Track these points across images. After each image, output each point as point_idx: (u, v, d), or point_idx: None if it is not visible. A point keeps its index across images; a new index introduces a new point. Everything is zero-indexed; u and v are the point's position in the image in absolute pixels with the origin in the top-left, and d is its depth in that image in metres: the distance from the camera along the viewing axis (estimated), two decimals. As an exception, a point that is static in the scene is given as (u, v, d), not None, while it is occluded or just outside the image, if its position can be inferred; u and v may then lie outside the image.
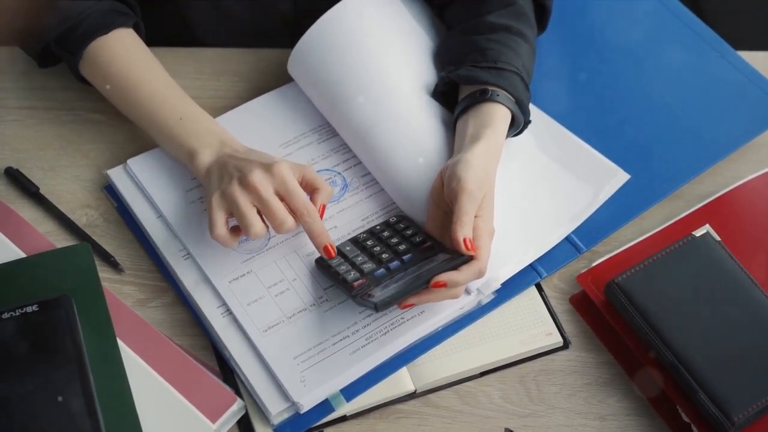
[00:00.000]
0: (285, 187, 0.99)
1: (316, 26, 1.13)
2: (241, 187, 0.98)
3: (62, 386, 0.93)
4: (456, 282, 0.96)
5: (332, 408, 0.98)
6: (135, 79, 1.09)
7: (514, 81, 1.07)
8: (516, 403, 1.01)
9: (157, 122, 1.07)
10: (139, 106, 1.08)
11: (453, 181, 0.99)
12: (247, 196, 0.98)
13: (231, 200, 0.98)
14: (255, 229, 0.98)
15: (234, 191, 0.98)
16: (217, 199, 0.99)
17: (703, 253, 1.06)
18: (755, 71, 1.23)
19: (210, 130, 1.06)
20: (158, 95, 1.08)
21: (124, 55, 1.10)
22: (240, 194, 0.98)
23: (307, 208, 0.99)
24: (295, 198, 0.99)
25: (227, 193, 0.98)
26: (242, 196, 0.98)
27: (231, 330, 1.01)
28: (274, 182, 0.99)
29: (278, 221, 0.98)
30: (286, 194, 0.99)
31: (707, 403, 0.96)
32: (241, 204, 0.98)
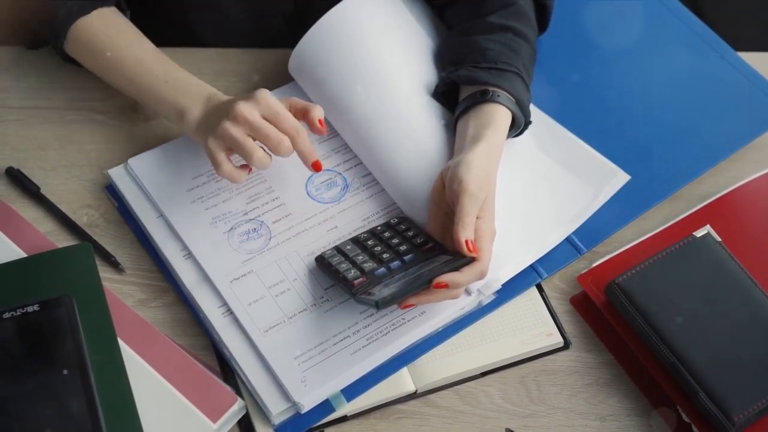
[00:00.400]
0: (271, 110, 1.01)
1: (317, 26, 1.13)
2: (231, 122, 1.00)
3: (63, 386, 0.93)
4: (458, 283, 0.96)
5: (333, 408, 0.98)
6: (119, 51, 1.11)
7: (515, 82, 1.07)
8: (516, 403, 1.01)
9: (145, 88, 1.09)
10: (126, 76, 1.10)
11: (454, 182, 0.99)
12: (239, 127, 1.00)
13: (226, 136, 1.01)
14: (257, 155, 1.01)
15: (226, 127, 1.00)
16: (212, 141, 1.02)
17: (703, 253, 1.06)
18: (755, 72, 1.23)
19: (196, 88, 1.08)
20: (144, 62, 1.10)
21: (105, 30, 1.12)
22: (232, 127, 1.00)
23: (295, 128, 1.02)
24: (283, 119, 1.01)
25: (219, 131, 1.01)
26: (234, 128, 1.00)
27: (232, 330, 1.01)
28: (261, 108, 1.01)
29: (274, 143, 1.01)
30: (275, 117, 1.01)
31: (708, 403, 0.96)
32: (236, 136, 1.00)
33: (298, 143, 1.02)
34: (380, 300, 0.94)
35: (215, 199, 1.09)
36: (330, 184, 1.11)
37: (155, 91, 1.08)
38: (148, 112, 1.18)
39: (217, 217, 1.08)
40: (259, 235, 1.07)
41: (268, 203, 1.09)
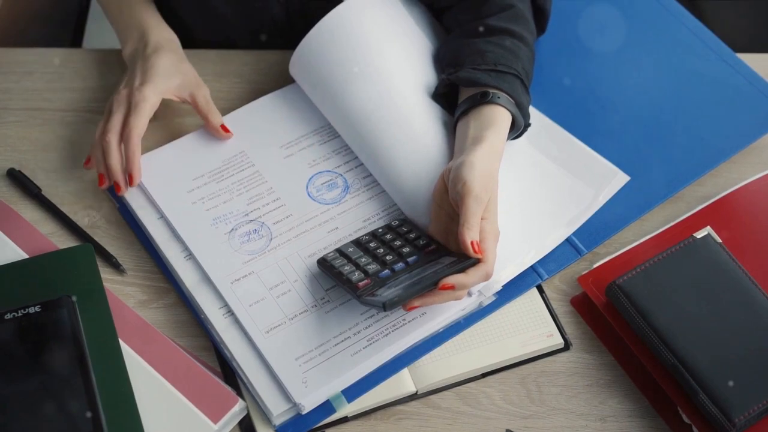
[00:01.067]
0: (129, 113, 1.09)
1: (317, 28, 1.13)
2: (103, 125, 1.10)
3: (64, 387, 0.93)
4: (464, 284, 0.96)
5: (333, 409, 0.98)
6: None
7: (514, 84, 1.07)
8: (517, 404, 1.01)
9: (108, 16, 1.20)
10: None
11: (458, 183, 0.99)
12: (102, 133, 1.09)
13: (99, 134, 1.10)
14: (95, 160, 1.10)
15: (102, 126, 1.10)
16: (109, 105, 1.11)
17: (704, 254, 1.06)
18: (755, 74, 1.23)
19: (136, 23, 1.16)
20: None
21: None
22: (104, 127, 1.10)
23: (129, 133, 1.08)
24: (125, 122, 1.09)
25: (101, 129, 1.10)
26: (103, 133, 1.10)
27: (233, 331, 1.01)
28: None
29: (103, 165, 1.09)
30: (125, 118, 1.09)
31: (708, 404, 0.96)
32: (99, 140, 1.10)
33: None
34: (388, 301, 0.94)
35: (216, 200, 1.09)
36: (331, 185, 1.11)
37: (112, 22, 1.19)
38: None
39: (218, 218, 1.08)
40: (260, 236, 1.07)
41: (268, 204, 1.09)
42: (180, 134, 1.15)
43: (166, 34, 1.16)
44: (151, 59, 1.12)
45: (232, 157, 1.13)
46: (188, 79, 1.14)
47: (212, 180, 1.11)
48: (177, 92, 1.13)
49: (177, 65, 1.14)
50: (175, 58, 1.14)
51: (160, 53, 1.13)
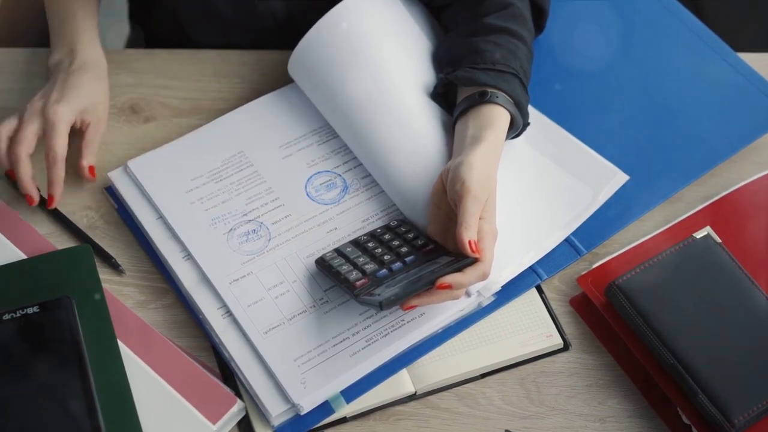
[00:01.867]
0: (48, 132, 1.08)
1: (316, 27, 1.13)
2: (9, 131, 1.10)
3: (63, 387, 0.93)
4: (461, 284, 0.96)
5: (332, 409, 0.98)
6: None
7: (513, 83, 1.07)
8: (516, 404, 1.01)
9: (48, 16, 1.18)
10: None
11: (456, 183, 0.99)
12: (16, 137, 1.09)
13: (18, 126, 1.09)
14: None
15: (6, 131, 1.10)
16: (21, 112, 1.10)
17: (704, 255, 1.05)
18: (756, 73, 1.23)
19: (69, 34, 1.14)
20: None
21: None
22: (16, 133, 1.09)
23: (53, 155, 1.07)
24: (49, 144, 1.07)
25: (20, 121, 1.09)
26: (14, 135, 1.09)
27: (231, 331, 1.01)
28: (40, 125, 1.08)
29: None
30: (46, 138, 1.08)
31: (708, 405, 0.96)
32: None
33: (49, 169, 1.08)
34: (384, 300, 0.93)
35: (215, 200, 1.09)
36: (330, 185, 1.11)
37: (49, 18, 1.17)
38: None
39: (217, 218, 1.08)
40: (259, 236, 1.07)
41: (267, 204, 1.09)
42: (178, 134, 1.15)
43: (95, 55, 1.14)
44: (74, 76, 1.11)
45: (231, 157, 1.12)
46: (95, 107, 1.12)
47: (211, 180, 1.11)
48: (81, 115, 1.11)
49: (95, 89, 1.12)
50: (96, 82, 1.13)
51: (83, 72, 1.12)
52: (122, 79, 1.21)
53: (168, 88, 1.21)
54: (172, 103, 1.20)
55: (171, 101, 1.20)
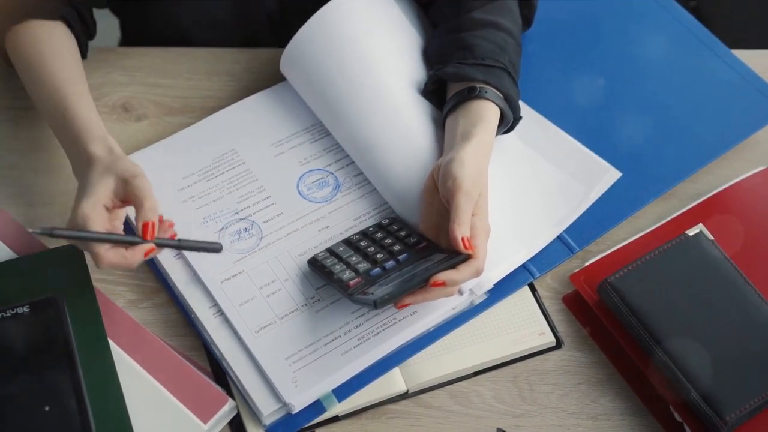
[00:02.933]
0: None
1: (308, 25, 1.13)
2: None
3: (53, 387, 0.93)
4: (454, 281, 0.96)
5: (324, 408, 0.98)
6: (33, 73, 1.07)
7: (502, 77, 1.07)
8: (508, 403, 1.01)
9: (48, 122, 1.07)
10: (36, 101, 1.08)
11: (448, 180, 0.99)
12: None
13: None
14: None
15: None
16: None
17: (696, 252, 1.05)
18: (749, 70, 1.23)
19: (78, 146, 1.02)
20: (51, 97, 1.05)
21: (30, 46, 1.08)
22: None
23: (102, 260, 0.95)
24: (91, 252, 0.95)
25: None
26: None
27: (223, 330, 1.01)
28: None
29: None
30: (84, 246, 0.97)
31: (700, 402, 0.96)
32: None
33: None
34: (378, 300, 0.93)
35: (206, 198, 1.09)
36: (321, 183, 1.11)
37: (54, 129, 1.06)
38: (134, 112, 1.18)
39: (208, 216, 1.08)
40: (251, 235, 1.06)
41: (259, 202, 1.09)
42: (170, 133, 1.15)
43: (99, 143, 1.01)
44: (87, 175, 0.99)
45: (223, 155, 1.12)
46: (119, 179, 0.98)
47: (202, 178, 1.10)
48: (111, 196, 0.97)
49: (106, 171, 0.98)
50: (104, 164, 0.99)
51: (93, 165, 0.99)
52: (114, 78, 1.21)
53: (160, 86, 1.21)
54: (164, 101, 1.19)
55: (163, 99, 1.20)
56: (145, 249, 0.95)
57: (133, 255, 0.95)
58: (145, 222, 0.95)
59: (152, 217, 0.95)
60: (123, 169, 0.97)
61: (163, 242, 0.97)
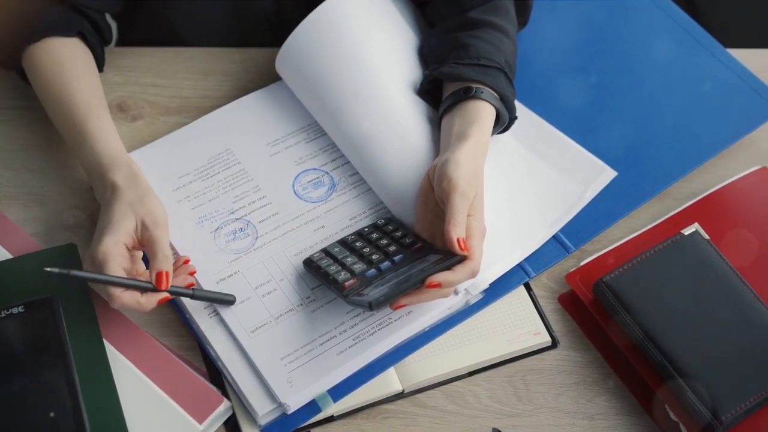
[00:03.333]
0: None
1: (303, 25, 1.13)
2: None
3: (47, 387, 0.93)
4: (450, 282, 0.96)
5: (319, 408, 0.98)
6: (53, 93, 1.07)
7: (498, 77, 1.07)
8: (504, 402, 1.01)
9: (67, 140, 1.07)
10: (55, 120, 1.08)
11: (444, 180, 0.99)
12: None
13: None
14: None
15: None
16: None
17: (691, 251, 1.05)
18: (745, 69, 1.23)
19: (101, 171, 1.02)
20: (71, 118, 1.05)
21: (48, 65, 1.07)
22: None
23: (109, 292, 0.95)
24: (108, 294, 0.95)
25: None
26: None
27: (218, 331, 1.01)
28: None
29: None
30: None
31: (695, 402, 0.96)
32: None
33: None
34: (374, 301, 0.93)
35: (201, 198, 1.09)
36: (317, 183, 1.11)
37: (74, 152, 1.06)
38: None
39: (204, 216, 1.07)
40: (246, 235, 1.06)
41: (254, 202, 1.09)
42: (165, 133, 1.15)
43: (123, 170, 1.01)
44: (110, 208, 0.99)
45: (218, 154, 1.12)
46: (141, 221, 0.98)
47: (198, 178, 1.10)
48: (132, 235, 0.98)
49: (130, 209, 0.99)
50: (128, 199, 0.99)
51: (117, 197, 0.99)
52: (109, 78, 1.21)
53: (155, 86, 1.21)
54: (160, 101, 1.19)
55: (158, 99, 1.20)
56: (159, 297, 0.96)
57: (148, 301, 0.96)
58: (159, 272, 0.96)
59: (166, 267, 0.96)
60: (146, 213, 0.98)
61: (178, 291, 0.98)
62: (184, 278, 0.99)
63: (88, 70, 1.10)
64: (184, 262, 1.01)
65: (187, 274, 1.00)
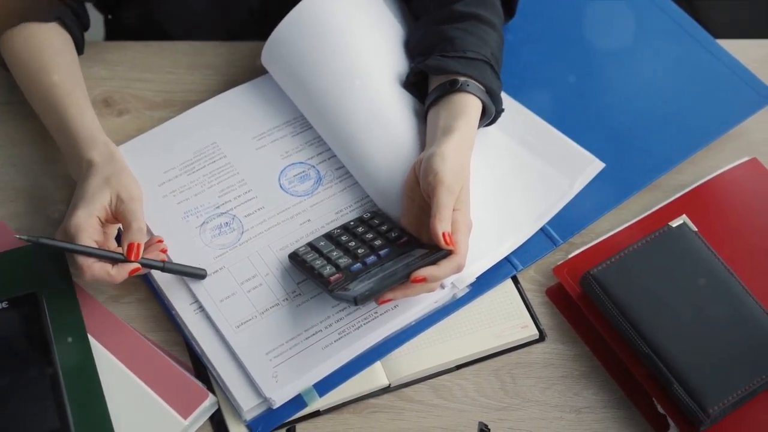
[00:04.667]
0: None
1: (289, 17, 1.12)
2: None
3: (31, 384, 0.93)
4: (435, 277, 0.95)
5: (305, 403, 0.97)
6: (30, 76, 1.07)
7: (484, 70, 1.06)
8: (491, 396, 1.00)
9: (47, 124, 1.07)
10: (33, 103, 1.08)
11: (429, 174, 0.98)
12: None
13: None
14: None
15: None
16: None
17: (679, 243, 1.05)
18: (734, 60, 1.22)
19: (78, 152, 1.02)
20: (47, 99, 1.06)
21: (24, 50, 1.08)
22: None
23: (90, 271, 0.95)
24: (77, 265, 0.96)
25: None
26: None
27: (203, 326, 1.00)
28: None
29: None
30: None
31: (682, 394, 0.96)
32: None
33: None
34: (358, 296, 0.93)
35: (187, 192, 1.08)
36: (303, 177, 1.10)
37: (52, 133, 1.07)
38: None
39: (189, 211, 1.07)
40: (231, 230, 1.06)
41: (240, 196, 1.08)
42: (151, 127, 1.14)
43: (100, 148, 1.02)
44: (85, 183, 0.99)
45: (204, 148, 1.11)
46: (116, 195, 0.98)
47: (183, 172, 1.10)
48: (106, 209, 0.98)
49: (106, 183, 0.99)
50: (104, 174, 0.99)
51: (90, 172, 1.00)
52: (95, 72, 1.20)
53: (141, 80, 1.20)
54: (146, 95, 1.19)
55: (144, 94, 1.19)
56: (130, 268, 0.96)
57: (118, 272, 0.96)
58: (131, 243, 0.96)
59: (139, 239, 0.96)
60: (123, 187, 0.99)
61: (148, 263, 0.98)
62: (156, 255, 1.00)
63: (67, 53, 1.10)
64: (158, 241, 1.02)
65: (159, 251, 1.00)
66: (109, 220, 0.99)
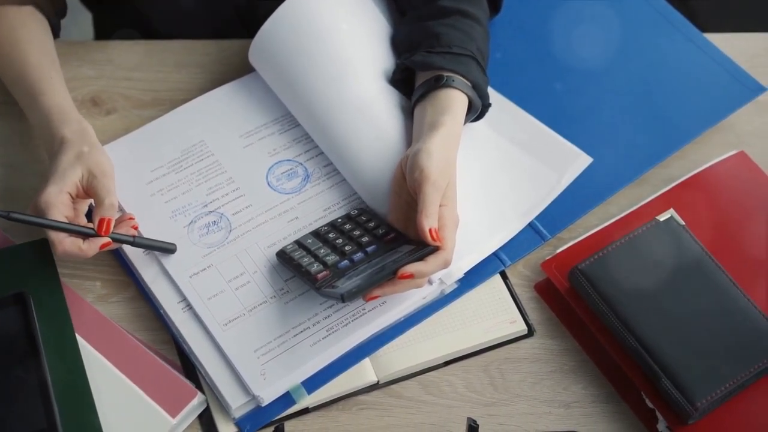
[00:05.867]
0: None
1: (276, 14, 1.12)
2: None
3: (18, 383, 0.93)
4: (423, 273, 0.95)
5: (294, 400, 0.97)
6: (7, 57, 1.09)
7: (470, 65, 1.06)
8: (480, 392, 1.01)
9: (20, 102, 1.09)
10: (6, 83, 1.10)
11: (415, 171, 0.98)
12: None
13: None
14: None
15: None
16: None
17: (667, 237, 1.05)
18: (721, 53, 1.22)
19: (50, 131, 1.03)
20: (19, 79, 1.07)
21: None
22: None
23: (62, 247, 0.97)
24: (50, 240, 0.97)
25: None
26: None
27: (191, 324, 1.00)
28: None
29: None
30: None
31: (670, 388, 0.96)
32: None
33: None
34: (346, 293, 0.93)
35: (175, 191, 1.08)
36: (291, 174, 1.10)
37: (26, 111, 1.08)
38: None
39: (177, 210, 1.07)
40: (219, 228, 1.06)
41: (228, 194, 1.08)
42: (139, 126, 1.14)
43: (73, 126, 1.03)
44: (56, 159, 1.00)
45: (192, 146, 1.11)
46: (88, 171, 0.99)
47: (171, 171, 1.10)
48: (76, 184, 0.99)
49: (78, 160, 1.00)
50: (76, 151, 1.00)
51: (65, 149, 1.00)
52: (83, 72, 1.20)
53: (129, 79, 1.20)
54: (134, 94, 1.19)
55: (132, 93, 1.19)
56: (101, 242, 0.98)
57: (89, 247, 0.97)
58: (102, 218, 0.98)
59: (110, 214, 0.98)
60: (95, 163, 1.00)
61: (119, 238, 1.00)
62: (128, 231, 1.01)
63: (41, 34, 1.11)
64: (129, 218, 1.02)
65: (130, 227, 1.02)
66: (80, 195, 1.00)
